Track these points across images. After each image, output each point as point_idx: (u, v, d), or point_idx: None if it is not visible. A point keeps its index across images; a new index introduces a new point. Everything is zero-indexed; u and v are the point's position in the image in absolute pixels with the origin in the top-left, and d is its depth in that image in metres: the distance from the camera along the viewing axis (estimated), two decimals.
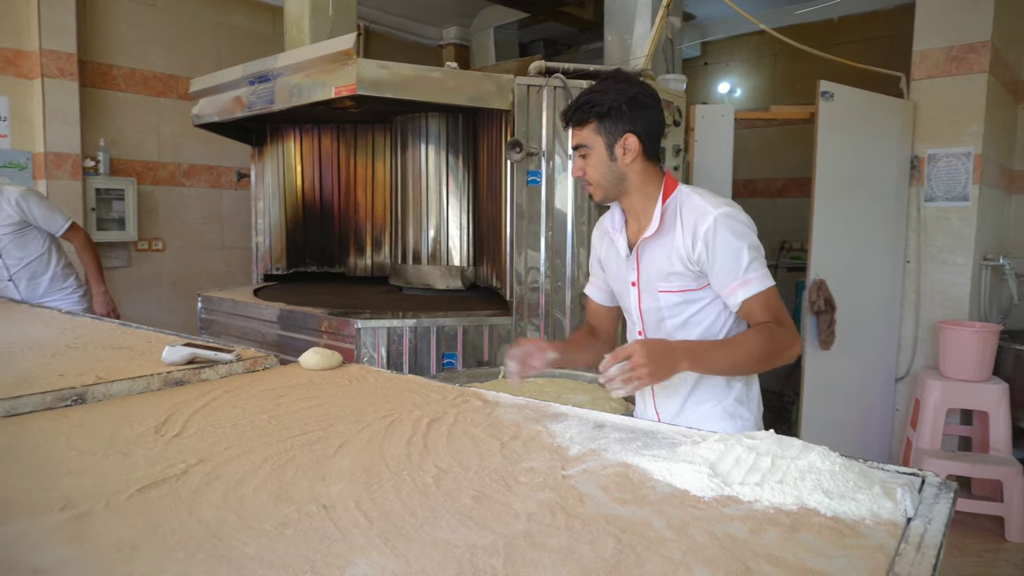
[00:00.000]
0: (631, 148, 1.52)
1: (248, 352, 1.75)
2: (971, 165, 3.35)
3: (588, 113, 1.52)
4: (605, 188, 1.58)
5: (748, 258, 1.48)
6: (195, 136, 4.41)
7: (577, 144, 1.56)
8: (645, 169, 1.56)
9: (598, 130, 1.52)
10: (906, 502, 0.89)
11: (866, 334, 3.37)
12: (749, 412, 1.62)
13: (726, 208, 1.51)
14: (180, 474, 1.01)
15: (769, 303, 1.49)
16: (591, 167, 1.56)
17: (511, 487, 0.99)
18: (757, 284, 1.48)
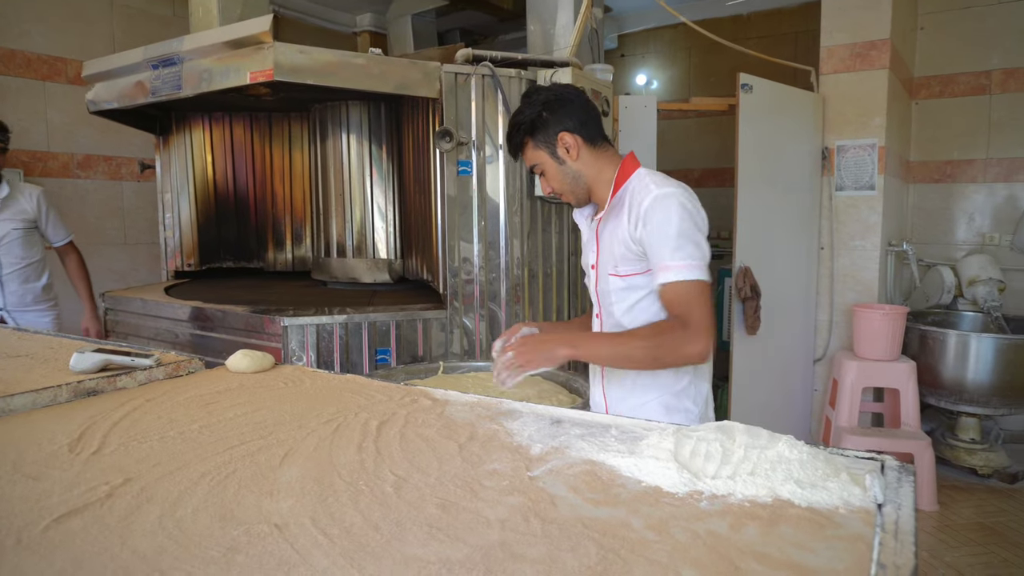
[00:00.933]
0: (570, 144, 1.54)
1: (169, 356, 1.61)
2: (876, 156, 3.54)
3: (519, 135, 1.58)
4: (572, 191, 1.60)
5: (677, 243, 1.44)
6: (90, 124, 4.07)
7: (530, 166, 1.61)
8: (596, 158, 1.57)
9: (536, 145, 1.56)
10: (875, 489, 0.90)
11: (785, 318, 3.51)
12: (694, 405, 1.62)
13: (670, 189, 1.48)
14: (104, 497, 0.90)
15: (684, 297, 1.44)
16: (550, 180, 1.60)
17: (477, 492, 0.94)
18: (678, 273, 1.44)
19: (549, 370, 2.05)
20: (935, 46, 4.16)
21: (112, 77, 3.04)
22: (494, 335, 2.76)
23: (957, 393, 3.41)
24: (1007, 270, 3.93)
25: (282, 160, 3.90)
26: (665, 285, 1.46)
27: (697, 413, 1.61)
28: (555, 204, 2.89)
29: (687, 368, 1.58)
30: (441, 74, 2.55)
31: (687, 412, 1.60)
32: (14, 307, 3.01)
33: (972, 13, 4.05)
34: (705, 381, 1.64)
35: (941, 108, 4.20)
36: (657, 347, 1.41)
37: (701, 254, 1.46)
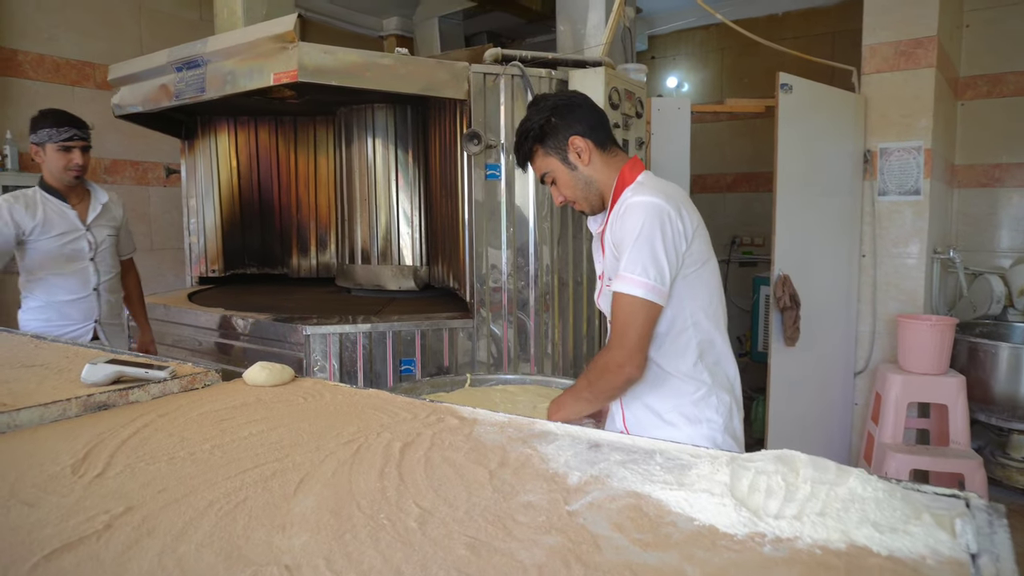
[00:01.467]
0: (582, 148, 1.50)
1: (185, 368, 1.54)
2: (922, 159, 3.38)
3: (527, 143, 1.54)
4: (585, 197, 1.55)
5: (631, 256, 1.39)
6: (117, 129, 4.07)
7: (541, 175, 1.56)
8: (607, 163, 1.53)
9: (546, 152, 1.53)
10: (968, 535, 0.79)
11: (825, 329, 3.36)
12: (717, 415, 1.54)
13: (646, 198, 1.42)
14: (102, 529, 0.82)
15: (621, 313, 1.41)
16: (563, 187, 1.55)
17: (511, 530, 0.84)
18: (624, 285, 1.40)
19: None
20: (982, 44, 3.98)
21: (137, 80, 3.01)
22: (522, 344, 2.66)
23: (1010, 409, 3.23)
24: None
25: (307, 165, 3.85)
26: (614, 294, 1.43)
27: (721, 424, 1.53)
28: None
29: (701, 377, 1.52)
30: (469, 74, 2.47)
31: (710, 422, 1.52)
32: (106, 320, 2.72)
33: (1020, 10, 3.87)
34: (725, 391, 1.55)
35: (988, 109, 4.01)
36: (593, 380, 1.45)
37: (656, 273, 1.39)
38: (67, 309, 2.58)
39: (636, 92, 2.71)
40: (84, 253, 2.59)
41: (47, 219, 2.48)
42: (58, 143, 2.43)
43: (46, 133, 2.43)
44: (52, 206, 2.51)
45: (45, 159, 2.47)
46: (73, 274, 2.57)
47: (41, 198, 2.51)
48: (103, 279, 2.67)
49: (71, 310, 2.58)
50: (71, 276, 2.57)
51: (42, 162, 2.49)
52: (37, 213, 2.47)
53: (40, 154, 2.47)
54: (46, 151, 2.46)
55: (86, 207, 2.61)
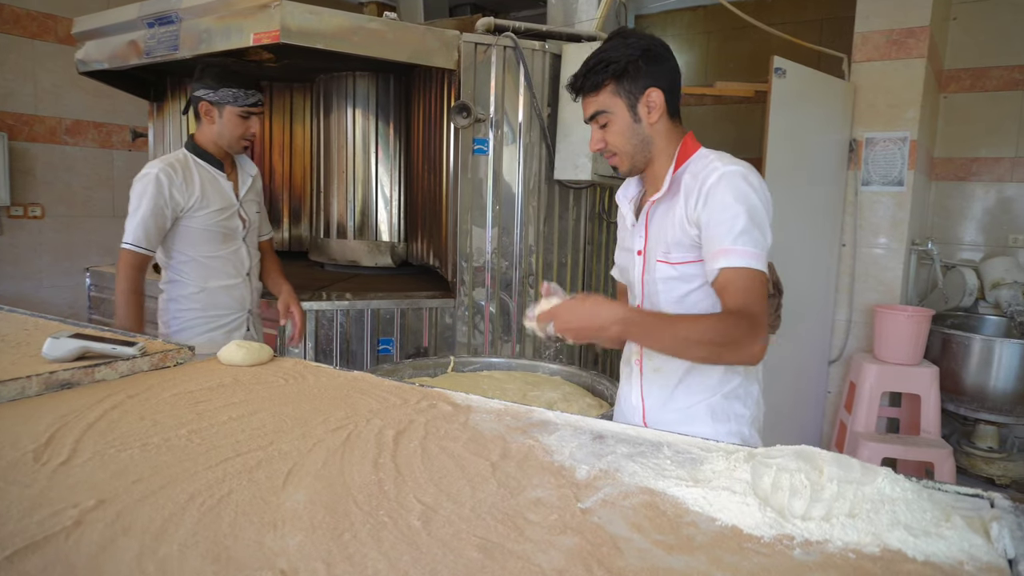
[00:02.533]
0: (655, 104, 1.36)
1: (155, 344, 1.45)
2: (907, 150, 3.38)
3: (603, 74, 1.35)
4: (632, 155, 1.41)
5: (743, 225, 1.28)
6: (80, 88, 3.87)
7: (595, 112, 1.39)
8: (669, 129, 1.41)
9: (617, 91, 1.36)
10: (1004, 539, 0.75)
11: (802, 317, 3.36)
12: (745, 408, 1.46)
13: (737, 167, 1.32)
14: (71, 526, 0.74)
15: (747, 286, 1.27)
16: (614, 134, 1.39)
17: (522, 529, 0.78)
18: (741, 258, 1.28)
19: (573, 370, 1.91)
20: (968, 38, 3.99)
21: (104, 35, 2.84)
22: (505, 326, 2.60)
23: (979, 400, 3.28)
24: None
25: (282, 133, 3.71)
26: (725, 270, 1.28)
27: (748, 417, 1.46)
28: (574, 190, 2.72)
29: (738, 368, 1.44)
30: (460, 44, 2.36)
31: (738, 417, 1.45)
32: (255, 309, 2.31)
33: (1008, 4, 3.88)
34: (755, 382, 1.49)
35: (970, 103, 4.03)
36: (723, 341, 1.23)
37: (765, 244, 1.30)
38: (221, 297, 2.18)
39: None
40: (239, 232, 2.21)
41: (204, 192, 2.09)
42: (242, 107, 2.07)
43: (231, 94, 2.05)
44: (208, 176, 2.12)
45: (218, 121, 2.09)
46: (227, 257, 2.18)
47: (195, 166, 2.12)
48: (253, 262, 2.28)
49: (225, 298, 2.19)
50: (225, 259, 2.18)
51: (211, 123, 2.10)
52: (195, 185, 2.09)
53: (212, 114, 2.08)
54: (223, 113, 2.07)
55: (236, 179, 2.23)
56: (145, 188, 2.03)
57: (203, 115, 2.10)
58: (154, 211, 2.03)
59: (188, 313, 2.18)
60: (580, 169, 2.50)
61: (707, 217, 1.31)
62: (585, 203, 2.78)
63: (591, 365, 2.97)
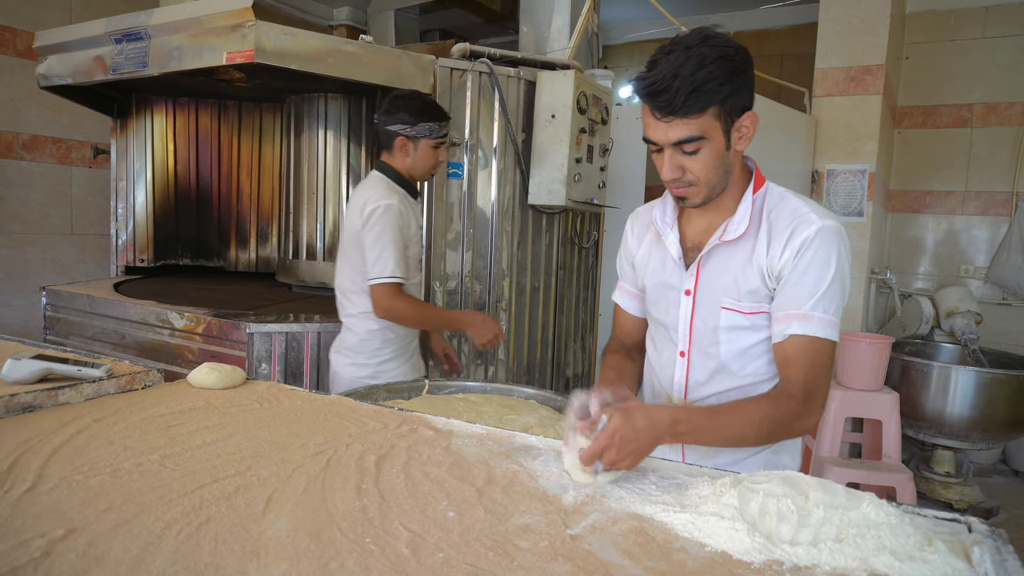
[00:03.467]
0: (749, 128, 1.18)
1: (123, 366, 1.40)
2: (866, 182, 3.50)
3: (712, 96, 1.11)
4: (713, 186, 1.21)
5: (829, 291, 1.16)
6: (39, 102, 3.76)
7: (687, 137, 1.14)
8: (738, 155, 1.24)
9: (719, 114, 1.14)
10: (986, 564, 0.77)
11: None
12: (792, 461, 1.37)
13: (834, 222, 1.19)
14: (40, 557, 0.70)
15: (814, 359, 1.16)
16: (701, 163, 1.17)
17: (512, 556, 0.77)
18: (819, 327, 1.16)
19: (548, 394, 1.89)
20: (919, 76, 4.17)
21: (68, 50, 2.78)
22: (477, 350, 2.58)
23: (937, 425, 3.36)
24: (981, 303, 3.94)
25: (251, 153, 3.66)
26: (795, 338, 1.17)
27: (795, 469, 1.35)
28: (547, 215, 2.73)
29: None
30: (436, 68, 2.37)
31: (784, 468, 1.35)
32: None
33: (956, 46, 4.08)
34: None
35: (922, 138, 4.21)
36: (773, 429, 1.13)
37: (841, 312, 1.20)
38: (408, 333, 2.13)
39: (603, 98, 2.68)
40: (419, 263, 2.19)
41: (407, 223, 2.03)
42: (436, 139, 2.07)
43: (427, 128, 2.04)
44: (410, 206, 2.08)
45: (412, 154, 2.07)
46: (416, 284, 2.16)
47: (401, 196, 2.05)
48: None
49: (410, 334, 2.15)
50: (416, 287, 2.14)
51: (406, 155, 2.08)
52: (411, 214, 2.07)
53: (408, 147, 2.07)
54: (418, 146, 2.07)
55: None
56: (389, 219, 1.95)
57: (398, 149, 2.08)
58: (398, 240, 1.98)
59: (395, 344, 2.10)
60: (554, 194, 2.52)
61: (793, 273, 1.18)
62: (558, 228, 2.80)
63: (563, 389, 2.96)
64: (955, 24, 4.07)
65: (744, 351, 1.28)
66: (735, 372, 1.29)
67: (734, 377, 1.30)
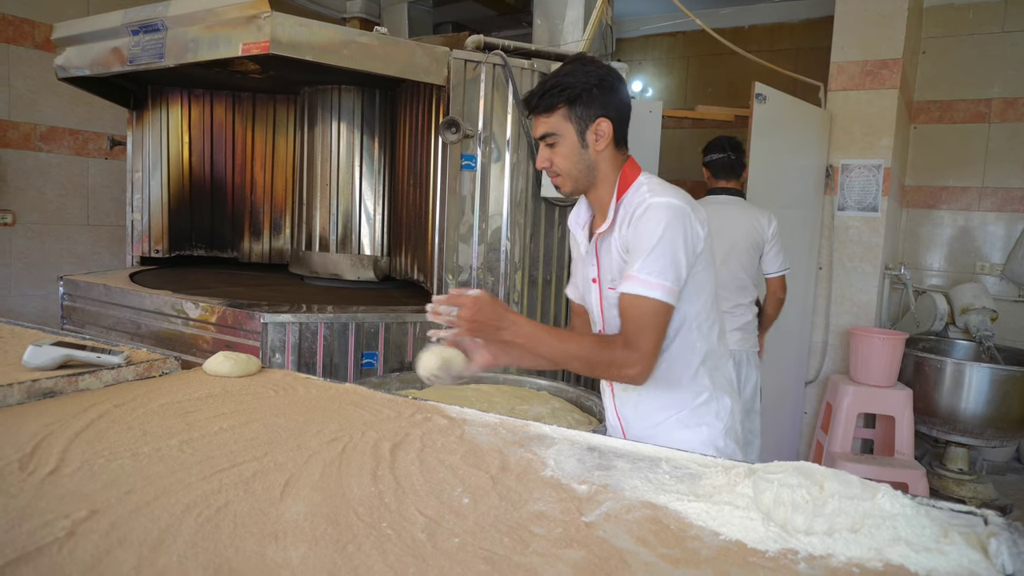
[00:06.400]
0: (603, 134, 1.41)
1: (140, 353, 1.42)
2: (881, 177, 3.47)
3: (558, 97, 1.40)
4: (575, 179, 1.46)
5: (651, 255, 1.34)
6: (57, 94, 3.80)
7: (545, 133, 1.44)
8: (613, 157, 1.46)
9: (568, 116, 1.41)
10: (1003, 556, 0.76)
11: (781, 339, 3.41)
12: (718, 420, 1.50)
13: (667, 198, 1.37)
14: (64, 537, 0.71)
15: (637, 315, 1.34)
16: (560, 156, 1.44)
17: (527, 542, 0.77)
18: (639, 286, 1.33)
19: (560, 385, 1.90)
20: (936, 71, 4.12)
21: (86, 41, 2.80)
22: None
23: (950, 422, 3.34)
24: (996, 300, 3.90)
25: (264, 145, 3.68)
26: (624, 296, 1.36)
27: (722, 428, 1.49)
28: (560, 207, 2.73)
29: (702, 383, 1.48)
30: (450, 60, 2.38)
31: (710, 426, 1.49)
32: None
33: (974, 40, 4.03)
34: (727, 395, 1.52)
35: (939, 134, 4.16)
36: (595, 362, 1.36)
37: (675, 275, 1.35)
38: None
39: None
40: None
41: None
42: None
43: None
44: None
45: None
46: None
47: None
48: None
49: None
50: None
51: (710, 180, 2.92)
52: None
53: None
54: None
55: None
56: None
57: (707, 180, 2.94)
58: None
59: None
60: None
61: (631, 244, 1.39)
62: None
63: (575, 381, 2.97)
64: (974, 18, 4.02)
65: None
66: None
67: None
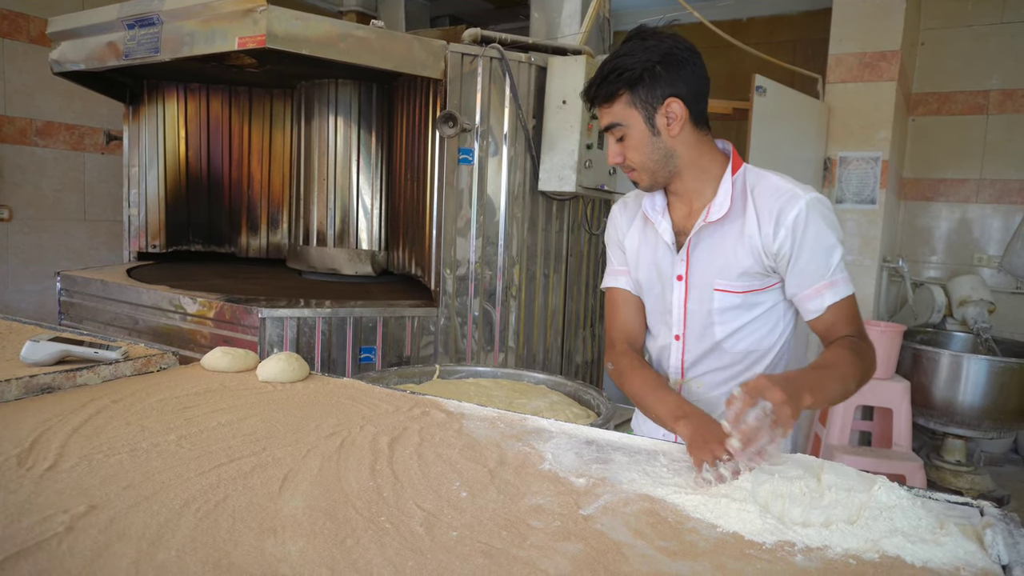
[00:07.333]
0: (676, 115, 1.24)
1: (138, 348, 1.42)
2: (879, 170, 3.47)
3: (617, 83, 1.23)
4: (653, 171, 1.29)
5: (839, 256, 1.25)
6: (52, 88, 3.78)
7: (610, 124, 1.27)
8: (697, 140, 1.28)
9: (632, 102, 1.24)
10: (998, 547, 0.77)
11: None
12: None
13: (817, 195, 1.25)
14: (63, 532, 0.72)
15: (854, 312, 1.26)
16: (631, 148, 1.28)
17: (525, 536, 0.78)
18: (845, 287, 1.25)
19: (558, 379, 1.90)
20: (935, 63, 4.11)
21: (81, 36, 2.79)
22: (488, 336, 2.59)
23: (948, 414, 3.35)
24: (994, 292, 3.91)
25: (261, 139, 3.67)
26: (833, 306, 1.24)
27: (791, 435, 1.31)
28: (557, 201, 2.73)
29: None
30: (447, 54, 2.37)
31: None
32: None
33: (973, 32, 4.02)
34: None
35: (937, 125, 4.16)
36: (866, 370, 1.20)
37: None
38: None
39: None
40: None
41: None
42: None
43: None
44: None
45: None
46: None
47: None
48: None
49: None
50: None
51: None
52: None
53: None
54: None
55: None
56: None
57: None
58: None
59: None
60: (565, 181, 2.51)
61: (802, 249, 1.23)
62: (568, 214, 2.80)
63: (573, 374, 2.97)
64: (972, 9, 4.01)
65: (738, 329, 1.33)
66: (728, 350, 1.35)
67: (727, 355, 1.36)
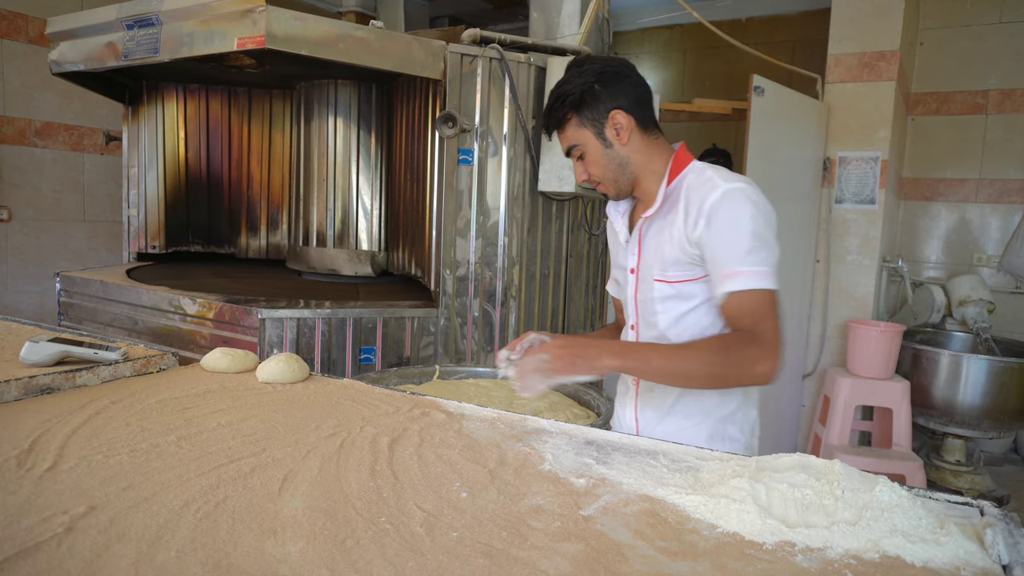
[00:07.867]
0: (622, 125, 1.33)
1: (137, 349, 1.41)
2: (879, 170, 3.47)
3: (562, 109, 1.35)
4: (615, 180, 1.39)
5: (750, 245, 1.23)
6: (51, 89, 3.78)
7: (568, 147, 1.38)
8: (647, 145, 1.37)
9: (580, 122, 1.35)
10: (999, 546, 0.77)
11: None
12: (741, 434, 1.42)
13: (740, 184, 1.27)
14: (63, 533, 0.72)
15: (755, 308, 1.24)
16: (592, 164, 1.38)
17: (525, 536, 0.78)
18: (748, 280, 1.23)
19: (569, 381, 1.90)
20: (934, 62, 4.12)
21: (80, 36, 2.78)
22: (488, 337, 2.59)
23: (948, 414, 3.35)
24: (994, 291, 3.91)
25: (261, 140, 3.67)
26: (733, 294, 1.25)
27: (743, 442, 1.42)
28: (557, 202, 2.73)
29: (736, 390, 1.39)
30: (447, 54, 2.37)
31: (732, 440, 1.40)
32: None
33: (972, 31, 4.02)
34: (754, 406, 1.44)
35: (936, 125, 4.16)
36: (723, 364, 1.20)
37: (774, 259, 1.26)
38: None
39: None
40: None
41: None
42: None
43: None
44: None
45: None
46: None
47: None
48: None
49: None
50: None
51: None
52: None
53: None
54: None
55: None
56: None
57: None
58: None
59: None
60: (564, 181, 2.51)
61: (711, 238, 1.27)
62: (568, 215, 2.80)
63: None
64: (971, 9, 4.01)
65: (679, 319, 1.38)
66: (673, 339, 1.39)
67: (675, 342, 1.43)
